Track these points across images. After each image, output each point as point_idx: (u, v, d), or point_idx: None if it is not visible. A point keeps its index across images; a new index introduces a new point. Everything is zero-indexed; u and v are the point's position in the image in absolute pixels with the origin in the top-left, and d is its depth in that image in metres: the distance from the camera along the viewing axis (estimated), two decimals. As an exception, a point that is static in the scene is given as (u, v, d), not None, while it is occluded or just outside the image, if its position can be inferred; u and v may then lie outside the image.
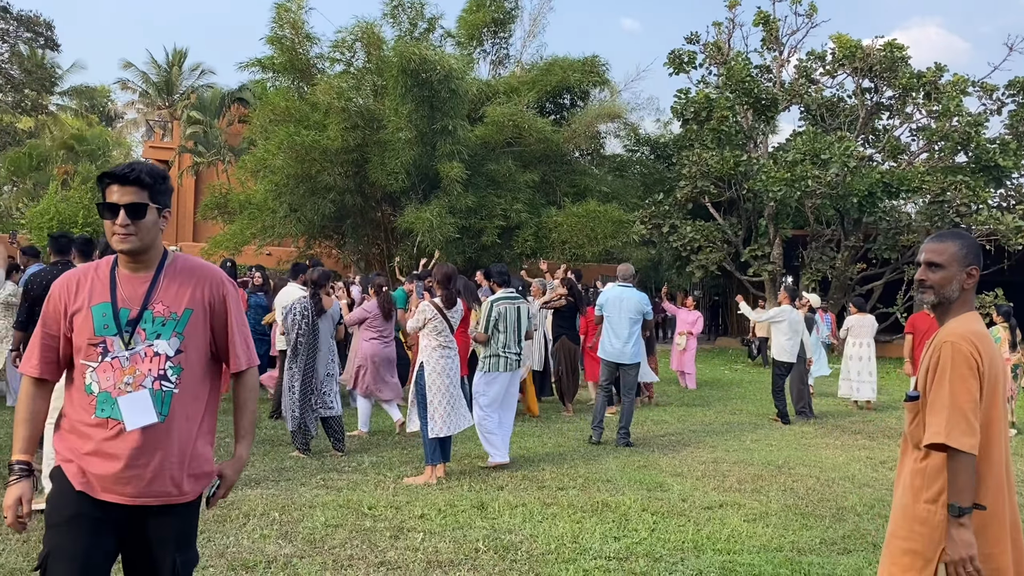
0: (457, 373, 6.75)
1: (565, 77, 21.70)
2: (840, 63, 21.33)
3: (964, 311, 2.56)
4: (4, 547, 4.59)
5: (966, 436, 2.35)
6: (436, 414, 6.51)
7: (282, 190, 19.65)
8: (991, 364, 2.45)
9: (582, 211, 19.30)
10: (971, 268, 2.57)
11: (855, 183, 17.71)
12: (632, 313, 8.43)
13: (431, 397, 6.55)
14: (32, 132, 37.03)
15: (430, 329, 6.61)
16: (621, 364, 8.49)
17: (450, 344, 6.69)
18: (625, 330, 8.42)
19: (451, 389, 6.61)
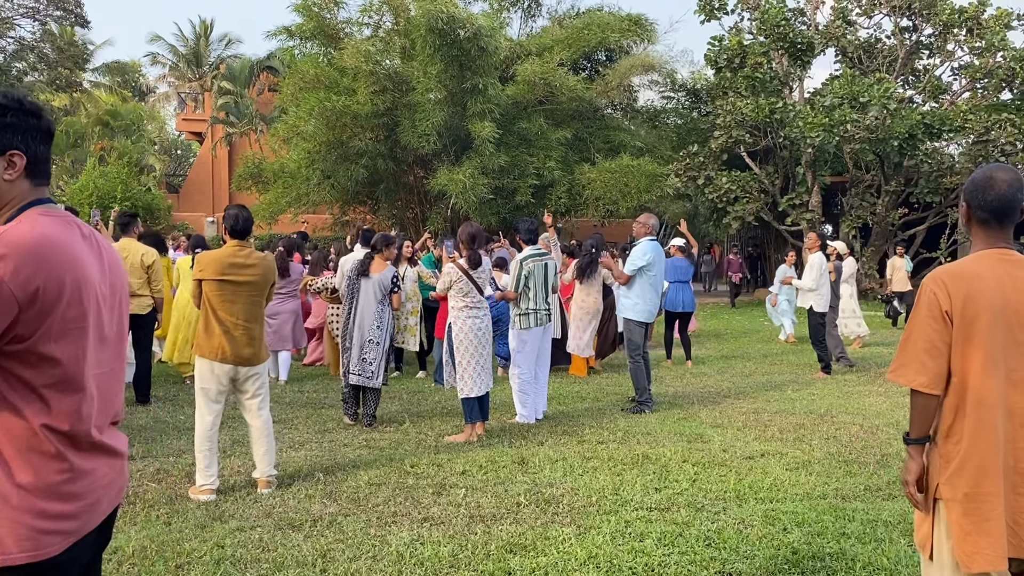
0: (488, 334, 6.75)
1: (604, 37, 21.28)
2: (877, 2, 20.68)
3: (977, 249, 2.48)
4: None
5: (916, 374, 2.41)
6: (465, 375, 6.55)
7: (315, 157, 19.74)
8: (966, 304, 2.36)
9: (615, 166, 19.10)
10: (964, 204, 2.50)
11: (895, 126, 17.26)
12: (663, 268, 8.14)
13: (459, 358, 6.59)
14: (67, 110, 37.44)
15: (456, 291, 6.61)
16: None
17: (478, 305, 6.67)
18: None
19: (480, 350, 6.61)
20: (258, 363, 5.23)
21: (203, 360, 5.10)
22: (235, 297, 5.08)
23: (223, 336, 5.03)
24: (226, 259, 5.08)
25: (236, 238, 5.19)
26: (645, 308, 7.78)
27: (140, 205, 24.68)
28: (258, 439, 5.24)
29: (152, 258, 7.75)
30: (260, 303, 5.26)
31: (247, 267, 5.11)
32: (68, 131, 30.61)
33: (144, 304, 7.67)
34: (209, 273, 5.06)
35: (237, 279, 5.07)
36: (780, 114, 18.57)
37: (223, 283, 5.05)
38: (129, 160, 27.09)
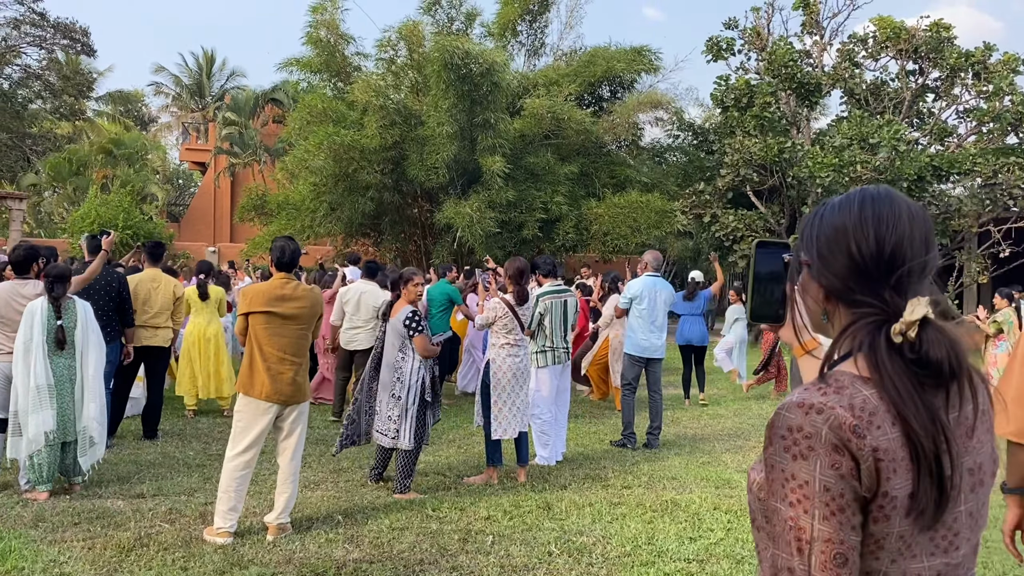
0: (526, 373, 6.53)
1: (610, 67, 21.39)
2: (883, 46, 20.79)
3: None
4: (69, 555, 4.50)
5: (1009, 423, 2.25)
6: (500, 415, 6.30)
7: (321, 190, 19.65)
8: None
9: (623, 202, 19.04)
10: None
11: (904, 167, 17.24)
12: (664, 304, 7.88)
13: (496, 397, 6.32)
14: (71, 137, 37.46)
15: (500, 327, 6.38)
16: (651, 359, 7.87)
17: (519, 342, 6.45)
18: (660, 323, 7.87)
19: (518, 389, 6.39)
20: (302, 400, 5.06)
21: (246, 398, 4.91)
22: (282, 331, 4.93)
23: (267, 372, 4.86)
24: (273, 291, 4.94)
25: (283, 270, 5.04)
26: (634, 342, 7.84)
27: (141, 233, 24.47)
28: (284, 483, 5.02)
29: (181, 290, 7.74)
30: (307, 337, 5.12)
31: (294, 299, 4.97)
32: (71, 159, 30.58)
33: (166, 337, 7.53)
34: (257, 305, 4.91)
35: (284, 312, 4.93)
36: (789, 153, 18.55)
37: (270, 316, 4.90)
38: (131, 189, 26.99)
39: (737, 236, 20.12)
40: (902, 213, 1.27)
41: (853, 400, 1.17)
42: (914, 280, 1.26)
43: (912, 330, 1.18)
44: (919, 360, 1.19)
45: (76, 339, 5.63)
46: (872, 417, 1.16)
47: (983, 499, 1.29)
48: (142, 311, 7.27)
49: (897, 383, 1.17)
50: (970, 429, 1.27)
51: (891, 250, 1.25)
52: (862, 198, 1.31)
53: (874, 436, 1.15)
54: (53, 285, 5.62)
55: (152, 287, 7.39)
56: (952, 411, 1.23)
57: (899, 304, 1.22)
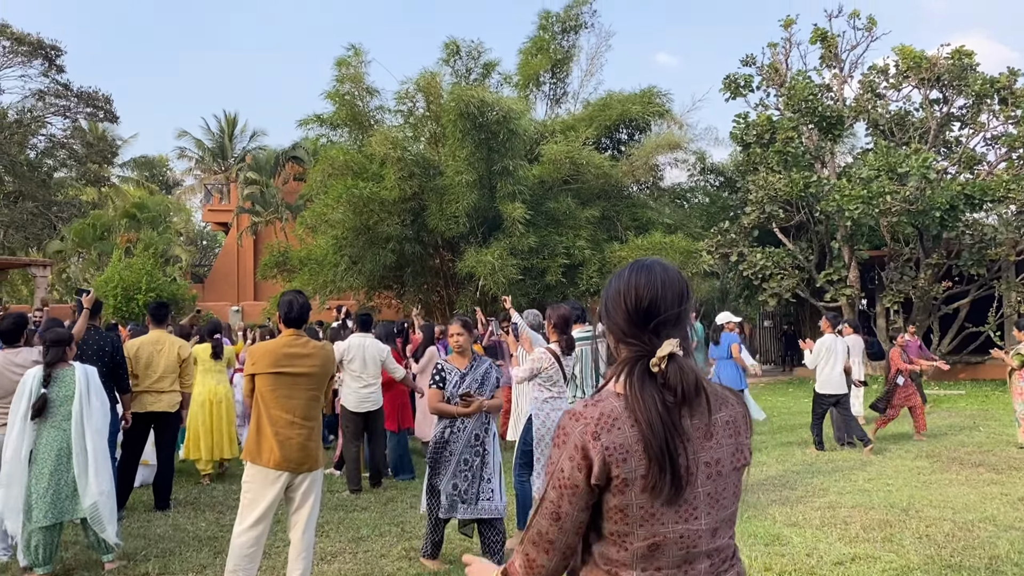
0: None
1: (625, 110, 21.27)
2: (905, 75, 20.47)
3: None
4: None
5: None
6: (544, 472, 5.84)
7: (342, 243, 19.53)
8: None
9: (647, 244, 18.70)
10: None
11: (936, 196, 16.76)
12: None
13: (539, 454, 5.86)
14: (96, 203, 37.91)
15: (544, 379, 5.86)
16: None
17: (561, 395, 5.93)
18: None
19: None
20: (314, 468, 4.65)
21: (254, 467, 4.52)
22: (292, 392, 4.55)
23: (275, 438, 4.47)
24: (281, 349, 4.58)
25: (291, 326, 4.68)
26: None
27: (165, 295, 24.47)
28: (296, 559, 4.61)
29: (187, 352, 7.32)
30: (319, 399, 4.73)
31: (304, 357, 4.61)
32: (95, 224, 30.81)
33: (173, 401, 7.14)
34: (263, 366, 4.54)
35: (294, 371, 4.56)
36: (815, 188, 18.15)
37: (279, 376, 4.53)
38: (155, 251, 27.06)
39: (766, 274, 19.65)
40: (657, 279, 1.76)
41: (603, 409, 1.66)
42: (669, 327, 1.73)
43: (663, 363, 1.66)
44: (666, 384, 1.66)
45: (73, 409, 5.24)
46: (614, 421, 1.64)
47: (723, 485, 1.73)
48: (145, 375, 6.95)
49: (640, 396, 1.64)
50: (708, 433, 1.71)
51: (647, 306, 1.73)
52: (630, 269, 1.81)
53: (609, 436, 1.63)
54: (48, 350, 5.32)
55: (155, 350, 7.05)
56: (693, 419, 1.69)
57: (656, 344, 1.69)
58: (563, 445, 1.67)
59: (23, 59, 33.38)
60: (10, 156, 30.45)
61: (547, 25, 22.36)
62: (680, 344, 1.68)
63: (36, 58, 33.46)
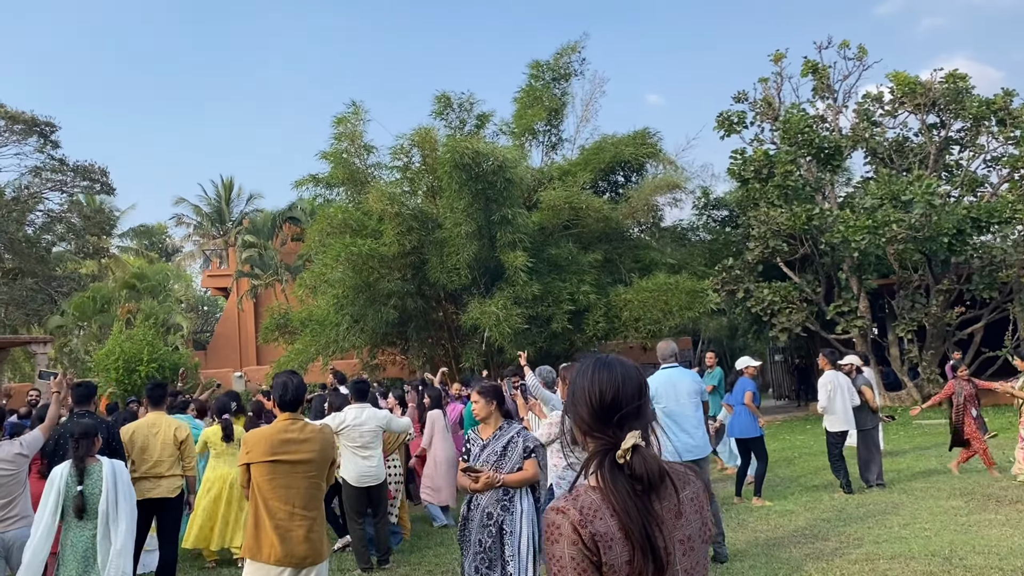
0: None
1: (618, 152, 21.18)
2: (900, 102, 20.41)
3: None
4: None
5: None
6: None
7: (343, 302, 19.29)
8: None
9: (652, 285, 18.44)
10: None
11: (942, 222, 16.55)
12: (690, 396, 6.93)
13: None
14: (95, 276, 37.79)
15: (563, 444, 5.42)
16: (696, 460, 6.78)
17: None
18: (691, 418, 6.87)
19: None
20: (319, 561, 4.31)
21: (254, 564, 4.18)
22: (290, 480, 4.23)
23: (275, 532, 4.14)
24: (277, 436, 4.28)
25: (287, 410, 4.39)
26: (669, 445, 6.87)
27: (167, 365, 24.16)
28: None
29: (185, 432, 6.89)
30: (320, 487, 4.40)
31: (302, 443, 4.30)
32: (95, 297, 30.61)
33: (173, 486, 6.71)
34: (258, 454, 4.23)
35: (292, 458, 4.25)
36: (818, 220, 17.97)
37: (275, 464, 4.22)
38: (155, 321, 26.81)
39: (774, 309, 19.36)
40: (617, 376, 1.95)
41: (583, 504, 1.82)
42: (631, 419, 1.90)
43: (628, 454, 1.83)
44: (632, 474, 1.83)
45: (100, 508, 4.96)
46: (595, 513, 1.81)
47: (695, 559, 1.90)
48: (140, 460, 6.57)
49: (613, 489, 1.81)
50: (678, 513, 1.88)
51: (610, 401, 1.91)
52: (593, 368, 1.99)
53: (594, 525, 1.79)
54: (79, 444, 5.03)
55: (150, 433, 6.68)
56: (663, 502, 1.86)
57: (620, 436, 1.86)
58: (559, 538, 1.80)
59: (18, 137, 33.54)
60: (8, 234, 30.38)
61: (538, 75, 22.38)
62: (642, 435, 1.87)
63: (31, 135, 33.62)
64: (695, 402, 6.90)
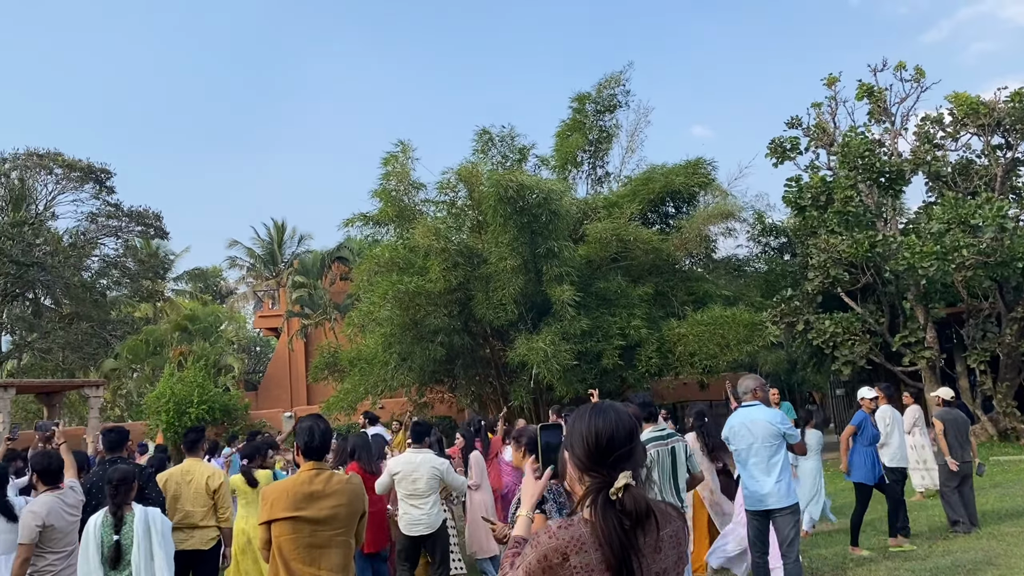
0: None
1: (669, 182, 20.64)
2: (962, 123, 19.55)
3: None
4: None
5: None
6: None
7: (391, 340, 19.02)
8: None
9: (707, 318, 17.78)
10: None
11: (1015, 246, 15.63)
12: (766, 439, 6.24)
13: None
14: (149, 319, 38.30)
15: None
16: (771, 511, 6.22)
17: None
18: (758, 464, 6.26)
19: None
20: None
21: None
22: (315, 539, 3.76)
23: None
24: (300, 489, 3.81)
25: (311, 458, 3.93)
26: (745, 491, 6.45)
27: (217, 407, 24.18)
28: None
29: (219, 481, 6.50)
30: (349, 544, 3.91)
31: (328, 496, 3.83)
32: (148, 340, 30.92)
33: (207, 538, 6.33)
34: (280, 510, 3.76)
35: (316, 514, 3.78)
36: (881, 247, 17.15)
37: (298, 522, 3.75)
38: (206, 363, 26.90)
39: (836, 341, 18.49)
40: (612, 420, 2.22)
41: (573, 534, 2.08)
42: (623, 461, 2.17)
43: (620, 492, 2.08)
44: (623, 510, 2.08)
45: (132, 558, 4.71)
46: (582, 545, 2.06)
47: None
48: (173, 510, 6.21)
49: (603, 524, 2.06)
50: (657, 548, 2.13)
51: (605, 444, 2.18)
52: (590, 414, 2.25)
53: (578, 557, 2.04)
54: (117, 491, 4.79)
55: (183, 481, 6.34)
56: (646, 537, 2.10)
57: (614, 476, 2.11)
58: (537, 547, 2.08)
59: (75, 184, 34.37)
60: (65, 279, 30.93)
61: (582, 108, 22.07)
62: (633, 475, 2.10)
63: (87, 182, 34.43)
64: (771, 445, 6.22)
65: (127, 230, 36.44)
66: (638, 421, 5.39)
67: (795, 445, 6.32)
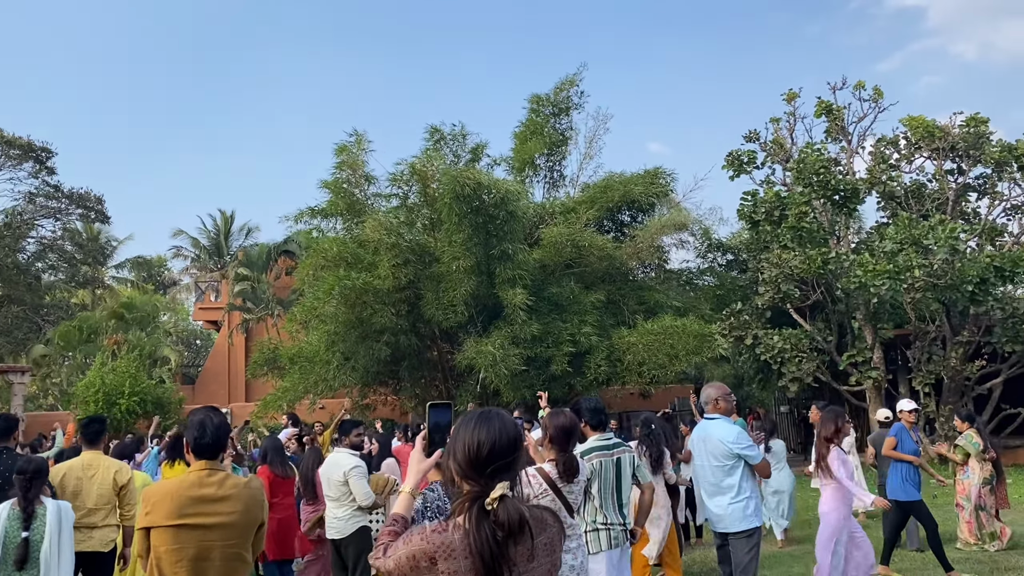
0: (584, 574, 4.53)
1: (627, 191, 20.41)
2: (916, 146, 19.73)
3: None
4: None
5: None
6: None
7: (334, 338, 18.44)
8: None
9: (657, 328, 17.57)
10: None
11: (966, 269, 15.72)
12: (717, 457, 5.68)
13: None
14: (84, 305, 37.02)
15: None
16: (726, 534, 5.71)
17: (569, 532, 4.34)
18: (710, 483, 5.74)
19: None
20: None
21: None
22: (201, 551, 3.22)
23: None
24: (187, 492, 3.27)
25: (204, 457, 3.38)
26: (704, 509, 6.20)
27: (150, 399, 23.29)
28: None
29: (127, 476, 5.87)
30: (243, 558, 3.36)
31: (219, 501, 3.30)
32: (81, 327, 29.73)
33: (108, 539, 5.71)
34: (161, 516, 3.22)
35: (205, 521, 3.25)
36: (834, 264, 17.15)
37: (182, 530, 3.21)
38: (140, 353, 25.95)
39: (784, 357, 18.43)
40: (495, 430, 2.22)
41: (445, 540, 2.10)
42: (502, 472, 2.18)
43: (495, 503, 2.10)
44: (496, 520, 2.09)
45: (42, 555, 4.30)
46: (452, 551, 2.08)
47: None
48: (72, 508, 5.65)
49: (476, 534, 2.08)
50: (531, 556, 2.15)
51: (486, 453, 2.18)
52: (476, 421, 2.26)
53: (446, 563, 2.07)
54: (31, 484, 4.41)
55: (84, 476, 5.69)
56: (519, 546, 2.12)
57: (491, 486, 2.13)
58: (409, 545, 2.15)
59: (13, 162, 32.99)
60: (-2, 260, 29.69)
61: (538, 108, 21.84)
62: (510, 486, 2.16)
63: (27, 160, 33.09)
64: (724, 466, 5.68)
65: (67, 212, 35.15)
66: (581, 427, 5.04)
67: (757, 466, 5.70)
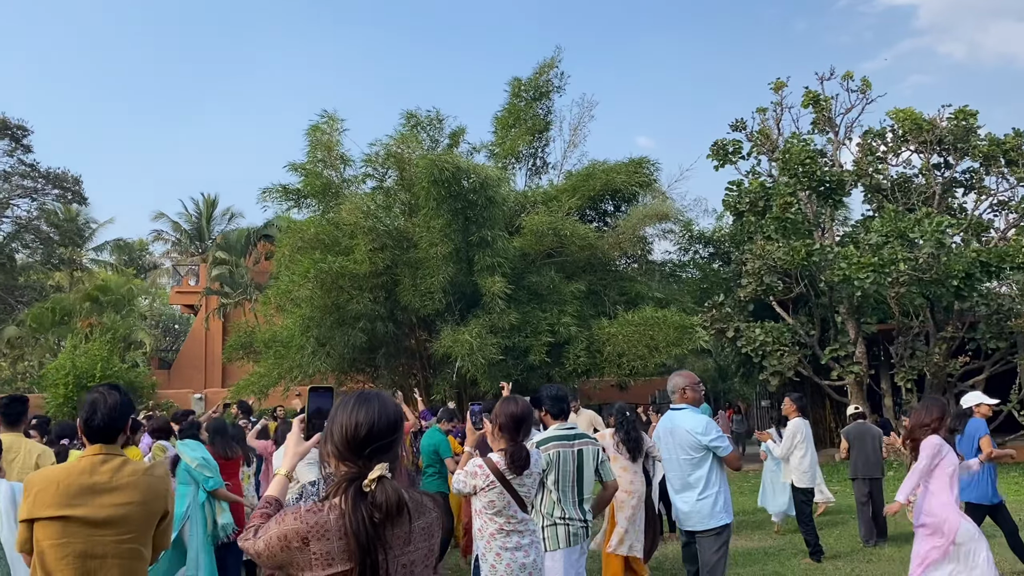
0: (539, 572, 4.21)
1: (610, 180, 20.01)
2: (904, 139, 19.49)
3: None
4: None
5: None
6: None
7: (310, 323, 18.02)
8: None
9: (638, 319, 17.25)
10: None
11: (952, 264, 15.49)
12: (684, 449, 5.31)
13: None
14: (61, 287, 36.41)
15: (485, 504, 4.11)
16: (695, 532, 5.33)
17: (522, 529, 4.13)
18: (678, 478, 5.39)
19: None
20: None
21: None
22: (91, 547, 2.84)
23: None
24: (75, 480, 2.88)
25: (97, 441, 2.97)
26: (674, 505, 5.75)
27: (123, 383, 22.81)
28: None
29: (49, 460, 5.27)
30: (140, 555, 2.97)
31: (114, 491, 2.90)
32: (54, 308, 29.15)
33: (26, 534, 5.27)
34: (44, 506, 2.84)
35: (96, 515, 2.86)
36: (818, 256, 16.89)
37: (69, 523, 2.83)
38: (114, 336, 25.45)
39: (766, 350, 18.20)
40: (374, 411, 2.17)
41: (319, 520, 2.04)
42: (381, 452, 2.14)
43: (373, 484, 2.06)
44: (374, 502, 2.05)
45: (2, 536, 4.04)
46: (325, 532, 2.03)
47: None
48: None
49: (352, 515, 2.03)
50: (407, 540, 2.12)
51: (364, 434, 2.14)
52: (355, 402, 2.21)
53: (319, 544, 2.02)
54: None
55: (4, 460, 4.97)
56: (396, 529, 2.09)
57: (369, 467, 2.09)
58: (281, 524, 2.07)
59: (-12, 139, 32.37)
60: (-31, 239, 29.09)
61: (519, 93, 21.45)
62: (389, 467, 2.10)
63: (2, 138, 32.47)
64: (691, 459, 5.29)
65: (43, 192, 34.58)
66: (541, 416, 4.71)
67: (726, 458, 5.30)
